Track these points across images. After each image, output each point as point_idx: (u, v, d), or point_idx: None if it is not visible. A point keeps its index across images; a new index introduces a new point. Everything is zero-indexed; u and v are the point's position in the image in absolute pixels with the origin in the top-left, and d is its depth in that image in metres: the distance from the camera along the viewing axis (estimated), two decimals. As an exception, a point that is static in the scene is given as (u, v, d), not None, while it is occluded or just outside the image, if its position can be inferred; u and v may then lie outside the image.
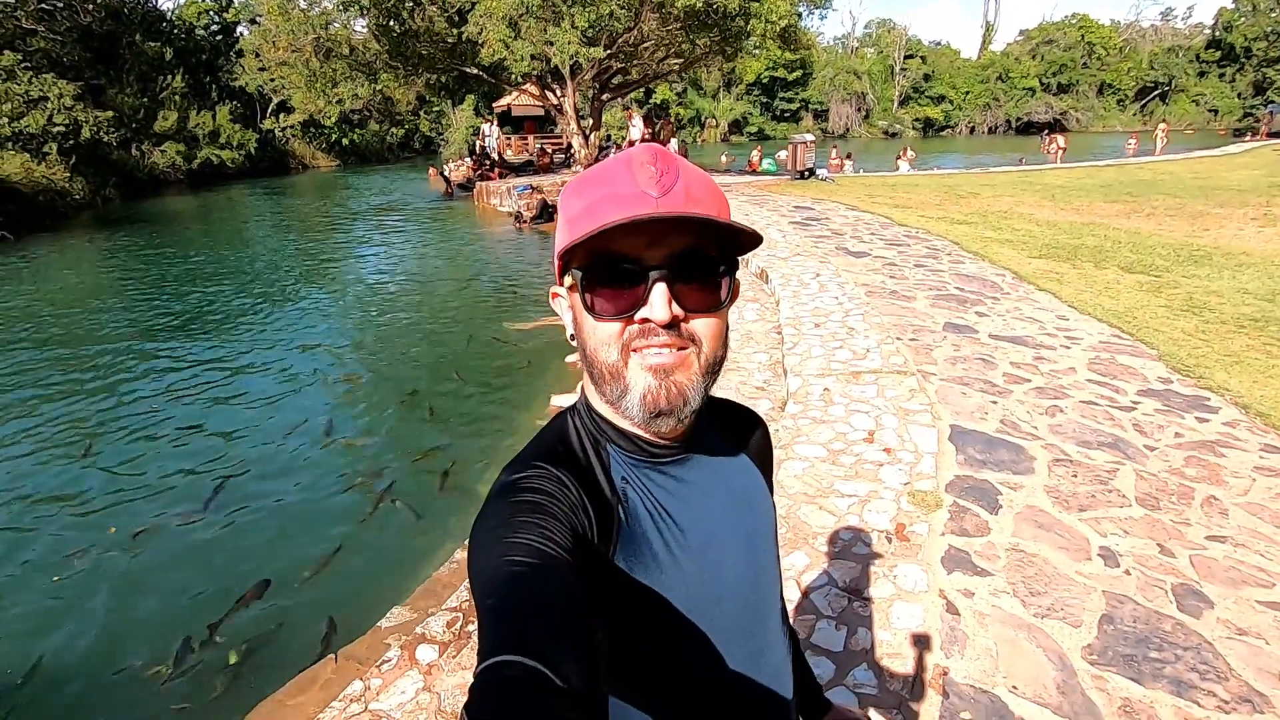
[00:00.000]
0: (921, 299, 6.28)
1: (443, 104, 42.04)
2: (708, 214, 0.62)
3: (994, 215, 10.99)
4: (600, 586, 0.64)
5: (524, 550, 0.56)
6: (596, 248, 0.63)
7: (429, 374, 7.00)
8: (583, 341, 0.68)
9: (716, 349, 0.67)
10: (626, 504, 0.69)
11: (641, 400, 0.65)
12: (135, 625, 3.58)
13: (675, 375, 0.64)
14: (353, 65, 17.81)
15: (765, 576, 0.79)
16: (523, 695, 0.44)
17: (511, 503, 0.62)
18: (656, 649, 0.69)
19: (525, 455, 0.71)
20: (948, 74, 58.12)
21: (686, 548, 0.70)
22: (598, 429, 0.72)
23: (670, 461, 0.72)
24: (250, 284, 11.87)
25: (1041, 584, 2.61)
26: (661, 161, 0.63)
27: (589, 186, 0.65)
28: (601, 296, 0.64)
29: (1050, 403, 4.12)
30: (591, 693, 0.48)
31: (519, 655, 0.46)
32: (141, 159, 29.77)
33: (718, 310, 0.67)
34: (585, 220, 0.63)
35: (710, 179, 0.68)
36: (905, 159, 20.81)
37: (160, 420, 6.07)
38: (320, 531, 4.32)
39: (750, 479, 0.81)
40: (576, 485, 0.66)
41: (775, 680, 0.79)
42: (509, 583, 0.53)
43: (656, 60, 19.89)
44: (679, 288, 0.63)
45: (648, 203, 0.61)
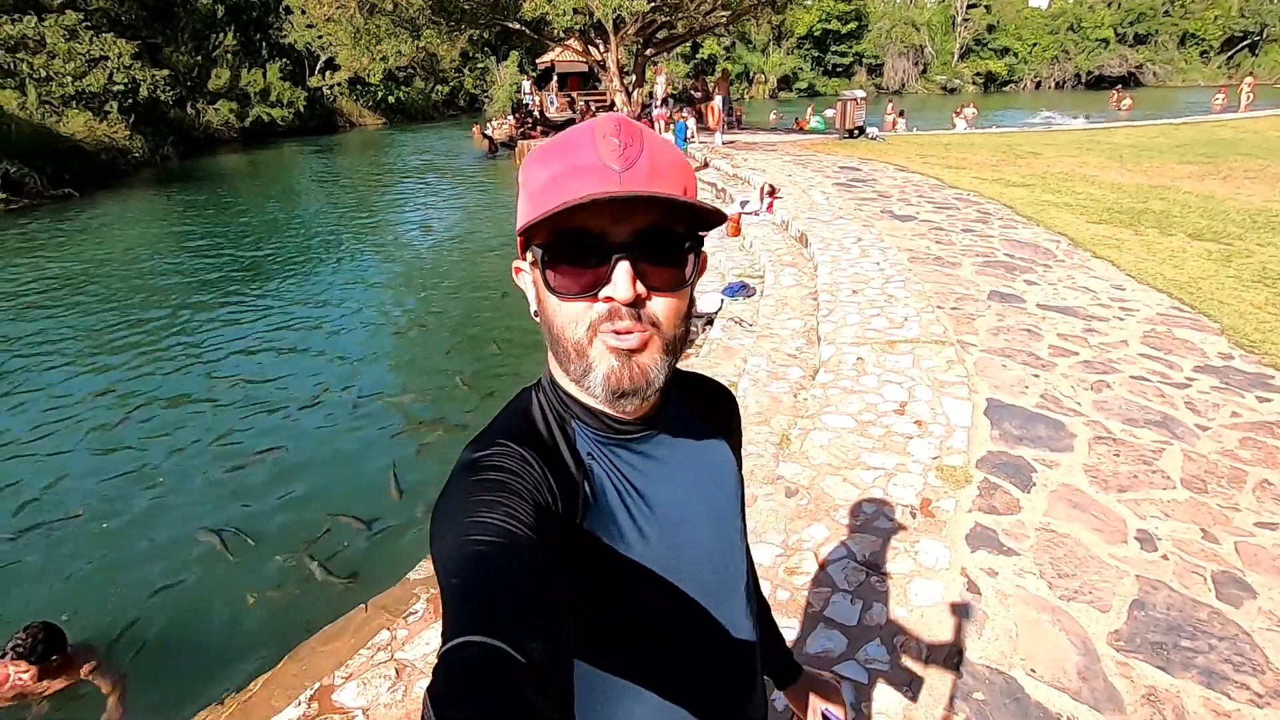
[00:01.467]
0: (967, 266, 6.03)
1: (487, 61, 41.74)
2: (672, 191, 0.60)
3: (1054, 177, 10.43)
4: (569, 558, 0.64)
5: (487, 529, 0.56)
6: (558, 224, 0.61)
7: (467, 332, 7.10)
8: (546, 319, 0.66)
9: (677, 327, 0.66)
10: (592, 480, 0.69)
11: (605, 381, 0.64)
12: (181, 561, 3.79)
13: (638, 357, 0.63)
14: (396, 21, 17.73)
15: (732, 550, 0.79)
16: (485, 676, 0.44)
17: (474, 481, 0.62)
18: (629, 618, 0.69)
19: (488, 432, 0.70)
20: (1013, 24, 54.74)
21: (653, 523, 0.70)
22: (563, 405, 0.71)
23: (636, 438, 0.72)
24: (299, 240, 12.18)
25: (1071, 566, 2.53)
26: (625, 133, 0.61)
27: (551, 157, 0.63)
28: (563, 274, 0.63)
29: (1097, 377, 3.94)
30: (555, 668, 0.48)
31: (482, 635, 0.46)
32: (197, 117, 30.45)
33: (682, 288, 0.65)
34: (547, 194, 0.61)
35: (677, 151, 0.65)
36: (963, 116, 19.84)
37: (212, 372, 6.33)
38: (357, 483, 4.47)
39: (718, 454, 0.80)
40: (540, 462, 0.65)
41: (743, 651, 0.80)
42: (472, 562, 0.53)
43: (703, 13, 19.21)
44: (643, 265, 0.62)
45: (610, 177, 0.59)
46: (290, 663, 2.94)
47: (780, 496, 3.00)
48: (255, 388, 6.01)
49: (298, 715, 2.36)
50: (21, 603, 3.53)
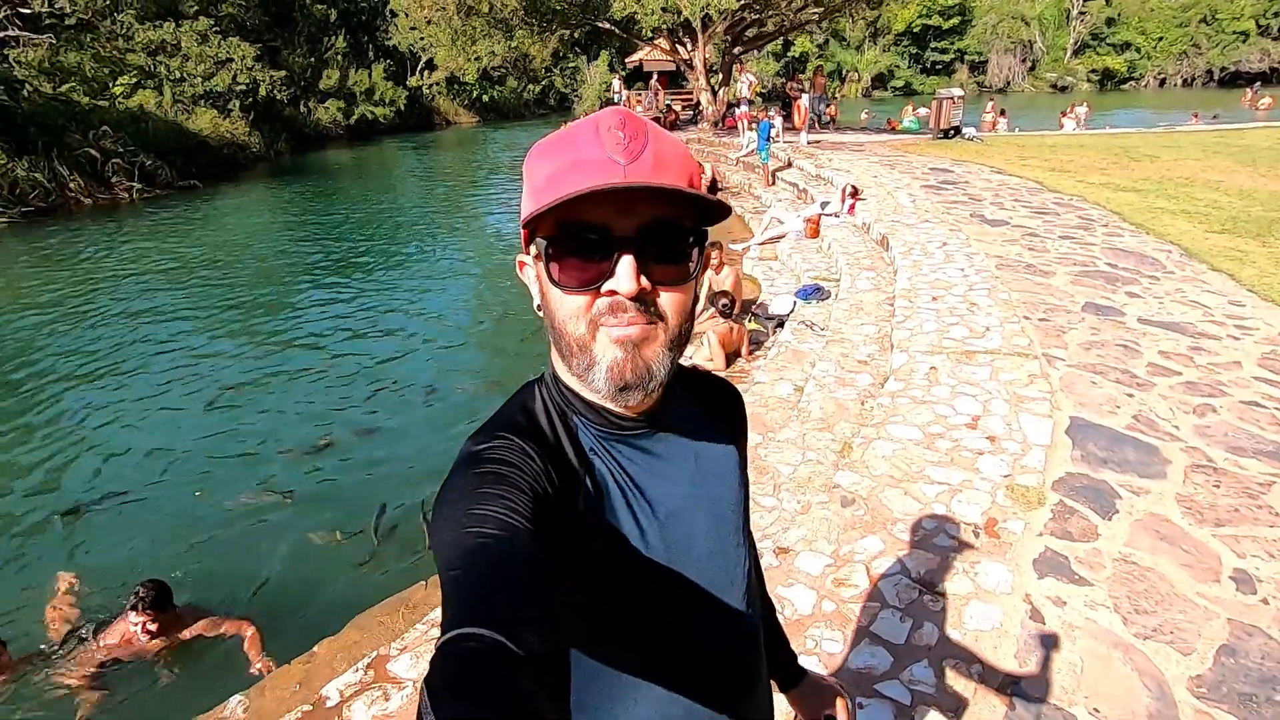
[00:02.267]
0: (1062, 275, 5.65)
1: (577, 60, 42.47)
2: (676, 183, 0.60)
3: (1171, 182, 9.60)
4: (569, 552, 0.64)
5: (486, 521, 0.56)
6: (562, 217, 0.61)
7: (530, 333, 7.29)
8: (549, 313, 0.66)
9: (682, 322, 0.65)
10: (594, 475, 0.69)
11: (608, 374, 0.63)
12: (261, 530, 4.07)
13: (642, 350, 0.63)
14: (490, 23, 18.31)
15: (733, 549, 0.79)
16: (482, 667, 0.45)
17: (475, 474, 0.62)
18: (628, 612, 0.69)
19: (489, 426, 0.70)
20: (1136, 17, 50.66)
21: (653, 519, 0.70)
22: (564, 400, 0.71)
23: (638, 434, 0.72)
24: (395, 231, 12.90)
25: (1151, 602, 2.33)
26: (630, 126, 0.61)
27: (555, 151, 0.63)
28: (567, 268, 0.62)
29: (1201, 400, 3.61)
30: (551, 660, 0.48)
31: (480, 627, 0.47)
32: (308, 115, 32.50)
33: (686, 282, 0.65)
34: (550, 188, 0.61)
35: (681, 145, 0.65)
36: (1072, 116, 18.57)
37: (310, 351, 6.80)
38: (426, 465, 4.67)
39: (721, 452, 0.80)
40: (541, 456, 0.66)
41: (743, 647, 0.79)
42: (471, 554, 0.54)
43: (794, 10, 18.83)
44: (647, 259, 0.61)
45: (614, 170, 0.59)
46: (351, 631, 3.10)
47: (835, 505, 2.92)
48: (347, 368, 6.41)
49: (356, 680, 2.49)
50: (120, 558, 3.89)
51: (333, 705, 2.40)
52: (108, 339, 7.32)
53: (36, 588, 3.64)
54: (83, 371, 6.52)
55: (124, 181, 17.16)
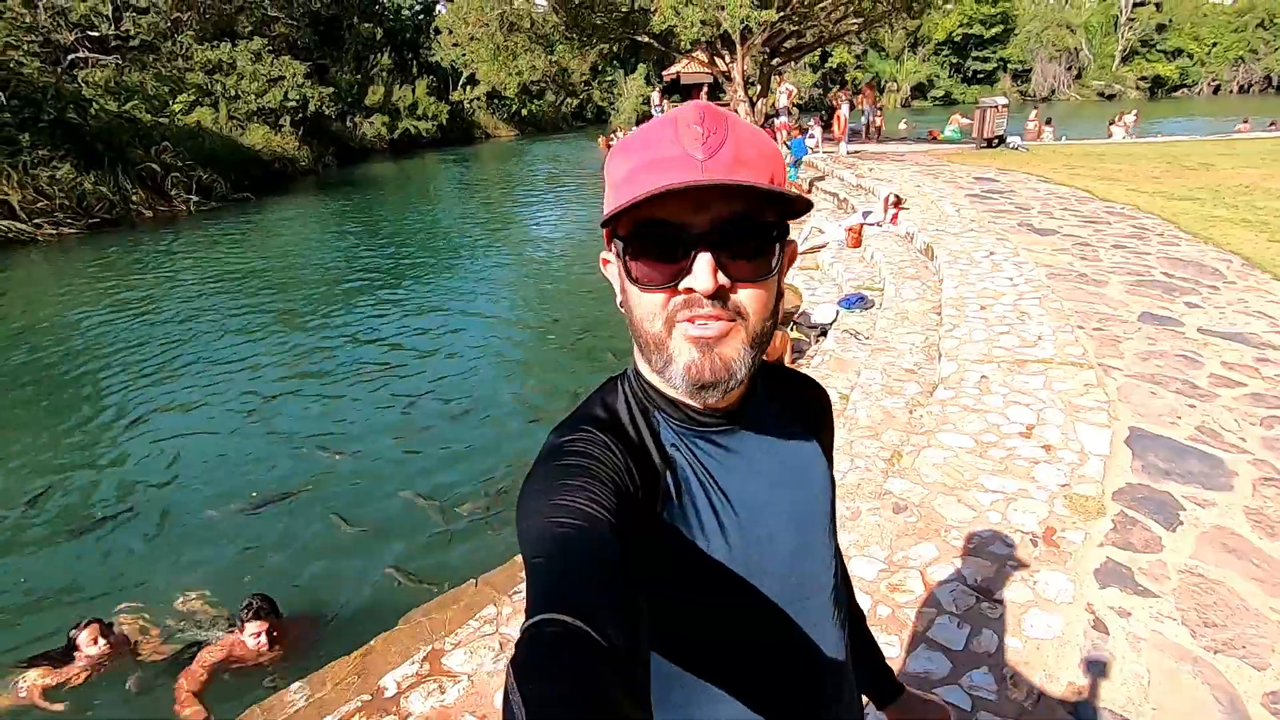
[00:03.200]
0: (1115, 284, 5.52)
1: (615, 73, 42.99)
2: (756, 179, 0.59)
3: (1229, 190, 9.29)
4: (649, 548, 0.65)
5: (570, 511, 0.57)
6: (639, 215, 0.60)
7: (583, 336, 7.38)
8: (628, 310, 0.66)
9: (764, 319, 0.64)
10: (675, 471, 0.69)
11: (685, 372, 0.63)
12: (317, 531, 4.21)
13: (720, 348, 0.62)
14: (532, 38, 18.72)
15: (815, 552, 0.76)
16: (566, 653, 0.45)
17: (559, 465, 0.63)
18: (707, 613, 0.69)
19: (573, 419, 0.71)
20: (1189, 22, 49.26)
21: (734, 518, 0.70)
22: (646, 396, 0.71)
23: (720, 431, 0.71)
24: (436, 242, 13.21)
25: (1220, 615, 2.27)
26: (710, 121, 0.60)
27: (633, 149, 0.63)
28: (644, 265, 0.62)
29: (1269, 413, 3.49)
30: (632, 653, 0.48)
31: (563, 614, 0.47)
32: (354, 129, 33.55)
33: (766, 279, 0.63)
34: (628, 186, 0.60)
35: (764, 137, 0.64)
36: (1120, 124, 18.10)
37: (356, 359, 6.99)
38: (479, 469, 4.77)
39: (805, 452, 0.78)
40: (623, 450, 0.66)
41: (826, 656, 0.77)
42: (555, 542, 0.54)
43: (833, 20, 18.82)
44: (725, 256, 0.60)
45: (692, 166, 0.58)
46: (406, 625, 3.18)
47: (887, 512, 2.90)
48: (391, 376, 6.57)
49: (412, 672, 2.56)
50: (186, 568, 4.05)
51: (390, 696, 2.47)
52: (162, 344, 7.64)
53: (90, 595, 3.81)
54: (139, 373, 6.82)
55: (182, 194, 17.93)
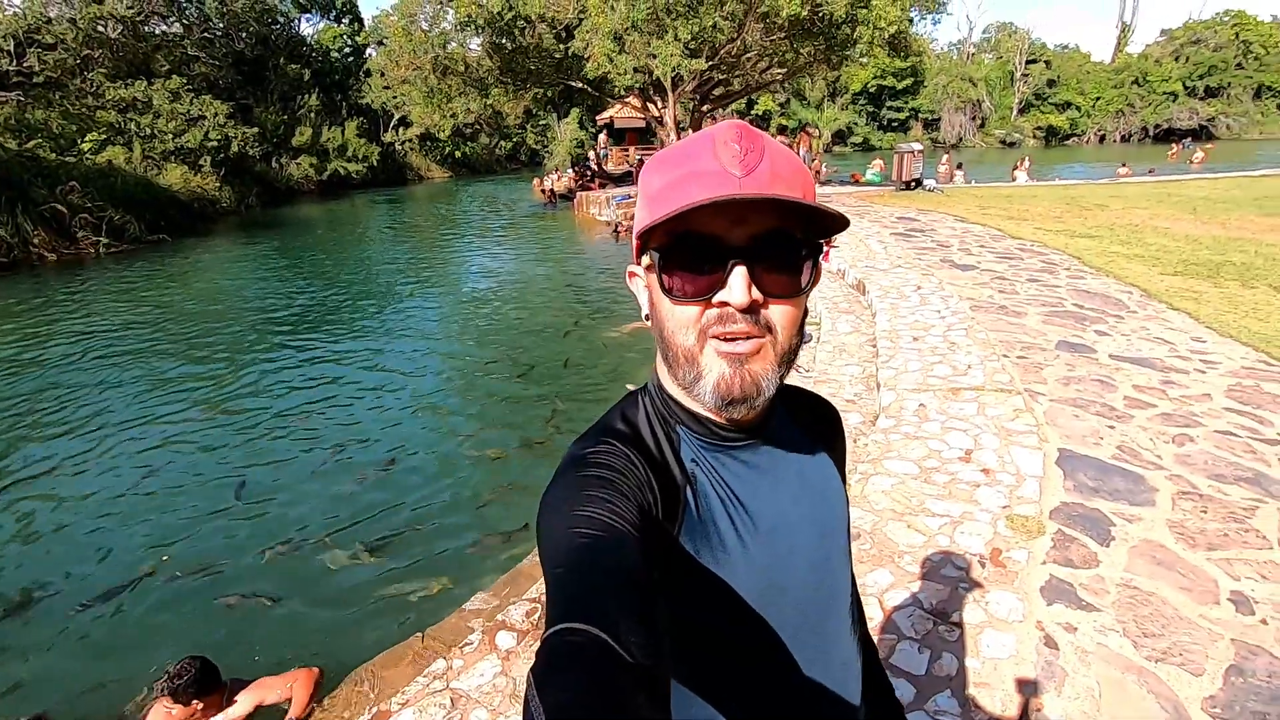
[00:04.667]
0: (1033, 315, 5.88)
1: (548, 117, 43.61)
2: (793, 195, 0.59)
3: (1123, 228, 10.13)
4: (668, 564, 0.64)
5: (591, 522, 0.56)
6: (675, 228, 0.61)
7: (526, 378, 7.25)
8: (659, 323, 0.66)
9: (792, 336, 0.65)
10: (695, 486, 0.68)
11: (715, 387, 0.63)
12: (242, 587, 3.92)
13: (750, 364, 0.63)
14: (466, 81, 18.83)
15: (834, 570, 0.76)
16: (587, 661, 0.45)
17: (580, 476, 0.62)
18: (719, 634, 0.68)
19: (595, 430, 0.71)
20: (1075, 79, 54.22)
21: (755, 534, 0.69)
22: (668, 410, 0.71)
23: (741, 447, 0.71)
24: (366, 285, 12.77)
25: (1157, 625, 2.38)
26: (746, 139, 0.61)
27: (670, 163, 0.63)
28: (679, 278, 0.62)
29: (1179, 431, 3.75)
30: (654, 665, 0.48)
31: (584, 624, 0.47)
32: (280, 170, 32.69)
33: (798, 295, 0.64)
34: (665, 199, 0.61)
35: (796, 158, 0.65)
36: (1023, 169, 19.58)
37: (283, 409, 6.63)
38: (415, 516, 4.57)
39: (822, 470, 0.78)
40: (644, 464, 0.66)
41: (842, 678, 0.76)
42: (577, 553, 0.54)
43: (759, 70, 19.77)
44: (759, 271, 0.61)
45: (730, 182, 0.59)
46: (347, 687, 2.97)
47: (841, 540, 2.93)
48: (318, 424, 6.22)
49: (356, 737, 2.39)
50: (117, 637, 3.69)
51: (335, 765, 2.29)
52: (58, 395, 7.06)
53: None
54: (27, 427, 6.27)
55: (90, 236, 16.90)
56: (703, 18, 14.75)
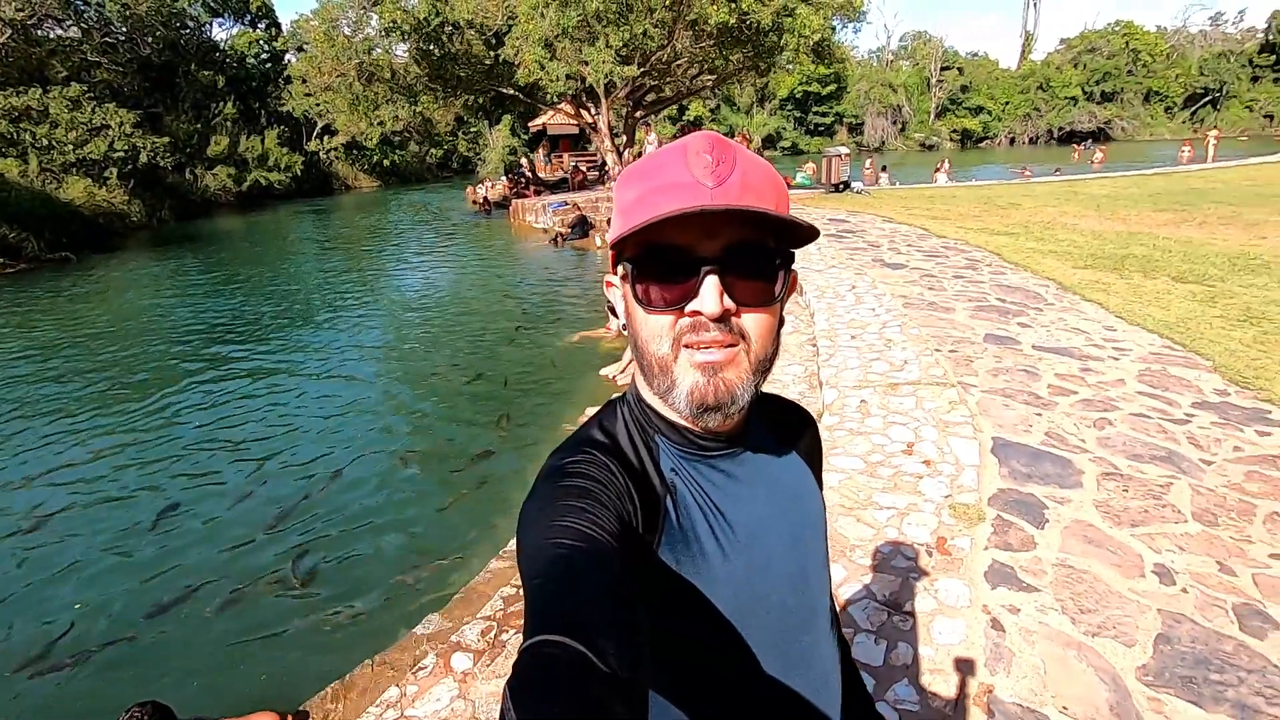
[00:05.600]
0: (961, 310, 6.15)
1: (480, 124, 43.03)
2: (764, 206, 0.60)
3: (1036, 226, 10.74)
4: (643, 576, 0.63)
5: (570, 533, 0.56)
6: (648, 239, 0.61)
7: (469, 391, 7.10)
8: (633, 332, 0.67)
9: (767, 345, 0.65)
10: (675, 496, 0.68)
11: (689, 396, 0.63)
12: (171, 622, 3.68)
13: (724, 372, 0.63)
14: (394, 88, 18.38)
15: (814, 575, 0.77)
16: (564, 674, 0.45)
17: (559, 486, 0.62)
18: (699, 644, 0.67)
19: (573, 441, 0.70)
20: (985, 85, 57.23)
21: (735, 543, 0.69)
22: (646, 420, 0.71)
23: (719, 455, 0.71)
24: (296, 299, 12.25)
25: (1092, 601, 2.51)
26: (718, 150, 0.61)
27: (643, 175, 0.64)
28: (652, 288, 0.63)
29: (1098, 415, 3.99)
30: (633, 678, 0.48)
31: (562, 636, 0.47)
32: (195, 182, 31.05)
33: (771, 304, 0.65)
34: (637, 210, 0.61)
35: (770, 167, 0.65)
36: (943, 170, 20.51)
37: (201, 430, 6.28)
38: (356, 537, 4.40)
39: (799, 476, 0.79)
40: (624, 474, 0.65)
41: (823, 683, 0.76)
42: (555, 564, 0.54)
43: (690, 77, 20.07)
44: (731, 280, 0.62)
45: (702, 193, 0.59)
46: (295, 724, 2.83)
47: (795, 538, 2.99)
48: (250, 445, 5.94)
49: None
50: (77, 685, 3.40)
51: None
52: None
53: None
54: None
55: (-19, 255, 15.66)
56: (633, 25, 14.86)
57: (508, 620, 2.95)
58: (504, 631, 2.89)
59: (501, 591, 3.22)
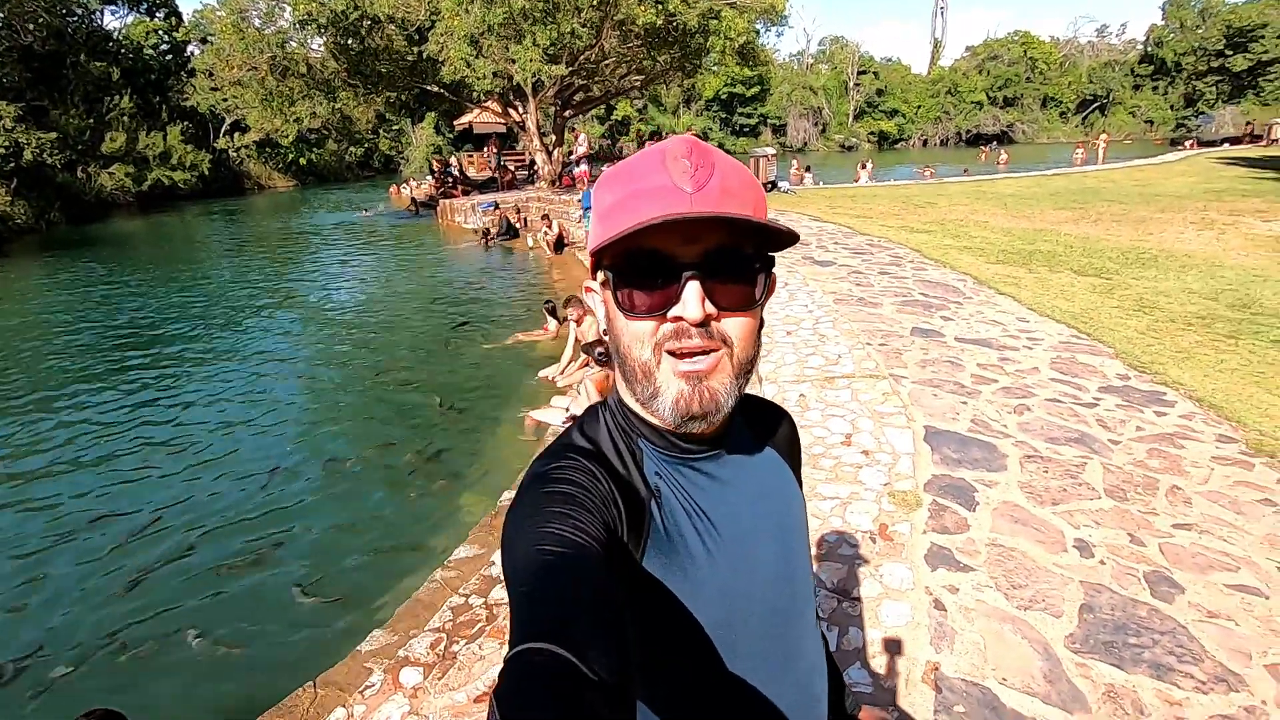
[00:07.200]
0: (888, 305, 6.41)
1: (402, 122, 41.74)
2: (743, 211, 0.60)
3: (951, 223, 11.32)
4: (630, 580, 0.63)
5: (556, 540, 0.56)
6: (629, 245, 0.61)
7: (403, 396, 6.88)
8: (615, 338, 0.67)
9: (749, 349, 0.66)
10: (660, 499, 0.68)
11: (674, 405, 0.64)
12: (79, 653, 3.42)
13: (709, 380, 0.63)
14: (310, 84, 17.58)
15: (798, 572, 0.77)
16: (551, 682, 0.45)
17: (544, 492, 0.62)
18: (686, 646, 0.67)
19: (558, 447, 0.70)
20: (899, 89, 59.88)
21: (720, 545, 0.69)
22: (629, 424, 0.71)
23: (702, 458, 0.71)
24: (207, 307, 11.54)
25: (1022, 577, 2.67)
26: (697, 155, 0.61)
27: (621, 180, 0.64)
28: (633, 294, 0.63)
29: (1018, 401, 4.24)
30: (619, 685, 0.48)
31: (549, 643, 0.47)
32: (88, 181, 28.82)
33: (752, 308, 0.65)
34: (616, 216, 0.61)
35: (747, 171, 0.66)
36: (865, 171, 21.33)
37: (107, 450, 5.84)
38: (284, 562, 4.19)
39: (780, 474, 0.80)
40: (608, 479, 0.65)
41: (807, 683, 0.77)
42: (541, 571, 0.53)
43: (618, 77, 20.10)
44: (712, 285, 0.62)
45: (681, 199, 0.59)
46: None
47: (744, 532, 3.04)
48: (153, 461, 5.56)
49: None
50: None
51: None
52: None
53: None
54: None
55: None
56: (560, 24, 14.75)
57: (458, 631, 2.88)
58: (454, 643, 2.82)
59: (450, 602, 3.14)
